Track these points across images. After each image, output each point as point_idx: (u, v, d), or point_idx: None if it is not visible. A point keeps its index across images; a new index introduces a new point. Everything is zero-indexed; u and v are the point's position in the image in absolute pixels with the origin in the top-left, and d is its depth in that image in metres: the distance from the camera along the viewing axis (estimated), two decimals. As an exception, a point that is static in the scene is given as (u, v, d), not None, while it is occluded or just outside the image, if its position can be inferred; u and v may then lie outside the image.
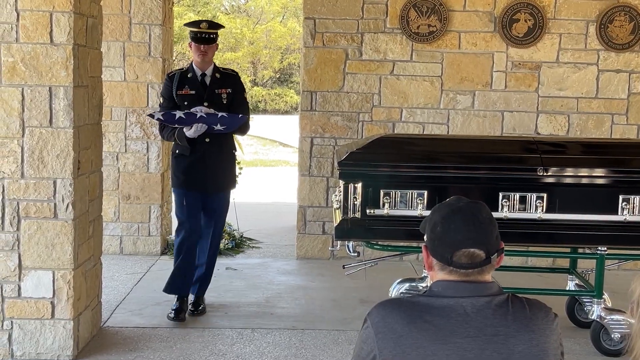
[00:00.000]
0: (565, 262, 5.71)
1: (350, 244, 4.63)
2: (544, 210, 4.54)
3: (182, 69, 5.20)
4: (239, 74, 5.48)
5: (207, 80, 5.13)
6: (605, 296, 4.79)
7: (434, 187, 4.50)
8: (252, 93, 29.54)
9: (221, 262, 6.73)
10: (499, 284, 1.97)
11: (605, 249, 4.66)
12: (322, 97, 6.82)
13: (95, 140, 4.65)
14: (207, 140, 5.01)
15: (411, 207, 4.48)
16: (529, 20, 6.62)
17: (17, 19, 4.13)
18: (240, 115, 5.02)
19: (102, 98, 4.84)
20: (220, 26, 5.17)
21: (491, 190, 4.57)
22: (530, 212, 4.55)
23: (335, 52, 6.79)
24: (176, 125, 4.91)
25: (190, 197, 5.14)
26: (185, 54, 29.55)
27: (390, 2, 6.70)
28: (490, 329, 1.81)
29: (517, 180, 4.59)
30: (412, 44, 6.74)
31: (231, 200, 7.52)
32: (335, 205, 5.00)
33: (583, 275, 5.14)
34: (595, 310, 4.71)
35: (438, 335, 1.80)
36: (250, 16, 31.60)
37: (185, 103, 5.01)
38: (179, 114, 4.87)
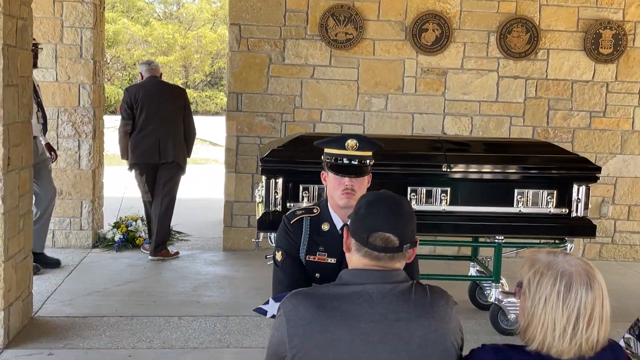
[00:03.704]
0: (468, 251, 5.85)
1: (272, 235, 4.62)
2: (448, 203, 4.64)
3: (313, 210, 2.91)
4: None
5: None
6: (503, 281, 4.93)
7: (349, 182, 4.52)
8: (184, 95, 29.05)
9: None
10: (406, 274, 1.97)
11: (503, 238, 4.79)
12: (248, 98, 6.78)
13: (25, 137, 4.50)
14: None
15: (328, 200, 4.49)
16: (437, 30, 6.75)
17: (-54, 19, 3.95)
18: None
19: (32, 97, 4.68)
20: (378, 144, 3.03)
21: (401, 185, 4.64)
22: (435, 205, 4.64)
23: (259, 57, 6.76)
24: None
25: None
26: (120, 58, 28.96)
27: (310, 11, 6.71)
28: (392, 314, 1.81)
29: (424, 176, 4.68)
30: (331, 50, 6.77)
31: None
32: (258, 200, 4.99)
33: (483, 262, 5.27)
34: (493, 294, 4.84)
35: (344, 321, 1.80)
36: (182, 22, 31.19)
37: (317, 275, 2.81)
38: None
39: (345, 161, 2.84)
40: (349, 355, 1.77)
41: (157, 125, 6.36)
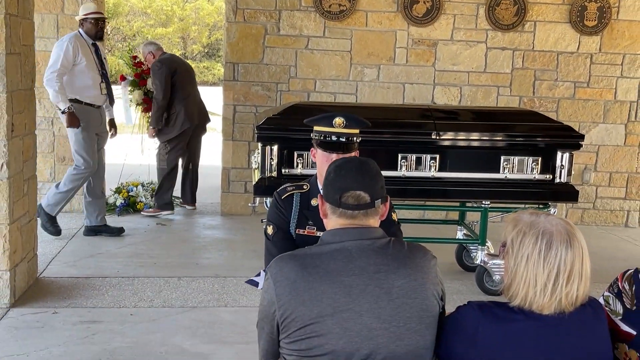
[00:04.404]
0: (456, 215, 5.87)
1: (268, 200, 4.62)
2: (437, 169, 4.64)
3: (303, 186, 2.89)
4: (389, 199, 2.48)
5: None
6: (489, 244, 4.95)
7: (342, 149, 4.51)
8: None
9: (152, 218, 6.64)
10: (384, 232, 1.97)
11: (489, 202, 4.80)
12: (244, 68, 6.73)
13: (28, 104, 4.46)
14: None
15: (321, 166, 4.48)
16: (427, 2, 6.68)
17: (-51, -12, 3.89)
18: None
19: (34, 65, 4.63)
20: (365, 123, 2.90)
21: (392, 152, 4.63)
22: (425, 171, 4.64)
23: (255, 28, 6.69)
24: None
25: None
26: (120, 29, 28.64)
27: (305, -17, 6.63)
28: (372, 267, 1.83)
29: (414, 143, 4.67)
30: (325, 22, 6.70)
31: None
32: (254, 166, 4.99)
33: (470, 226, 5.29)
34: (479, 256, 4.87)
35: (326, 276, 1.81)
36: (180, -5, 30.79)
37: None
38: None
39: (334, 138, 2.80)
40: (333, 308, 1.79)
41: (195, 93, 6.95)
